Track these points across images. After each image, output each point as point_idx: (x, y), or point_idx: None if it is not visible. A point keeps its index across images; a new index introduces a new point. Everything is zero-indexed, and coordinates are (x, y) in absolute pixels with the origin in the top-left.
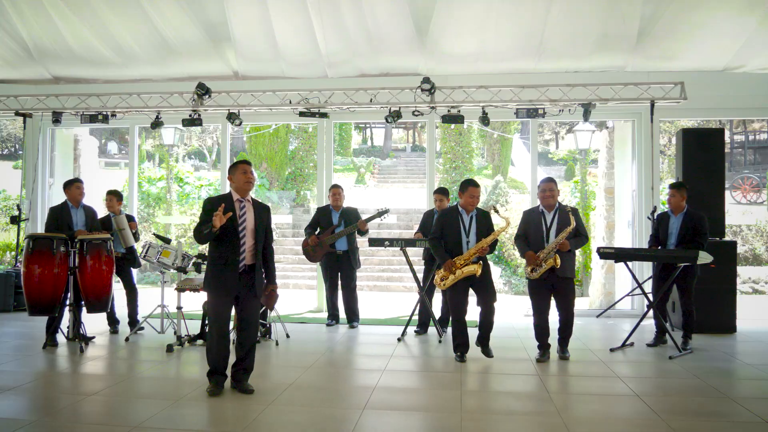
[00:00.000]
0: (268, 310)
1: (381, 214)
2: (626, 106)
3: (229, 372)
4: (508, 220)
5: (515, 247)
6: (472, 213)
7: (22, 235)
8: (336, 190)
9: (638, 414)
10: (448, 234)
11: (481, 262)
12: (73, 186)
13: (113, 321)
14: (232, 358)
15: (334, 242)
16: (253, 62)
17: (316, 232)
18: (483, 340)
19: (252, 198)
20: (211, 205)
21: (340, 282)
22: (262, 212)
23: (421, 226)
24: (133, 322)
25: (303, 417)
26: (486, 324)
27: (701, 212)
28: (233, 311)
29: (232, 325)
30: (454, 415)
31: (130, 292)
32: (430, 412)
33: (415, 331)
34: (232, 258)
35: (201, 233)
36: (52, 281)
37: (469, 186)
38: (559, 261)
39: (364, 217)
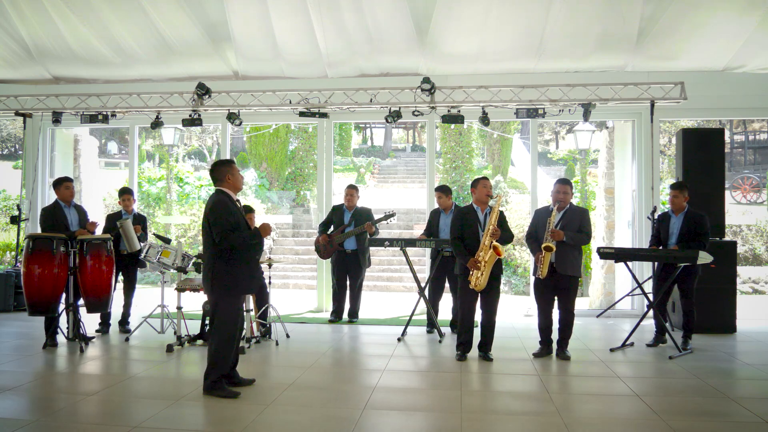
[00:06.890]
0: (269, 310)
1: (387, 217)
2: (626, 106)
3: None
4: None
5: (524, 246)
6: (486, 210)
7: (22, 235)
8: (350, 191)
9: (638, 414)
10: (467, 233)
11: (499, 245)
12: (62, 186)
13: (106, 322)
14: None
15: (343, 241)
16: (253, 62)
17: (330, 231)
18: (484, 346)
19: None
20: (235, 209)
21: (348, 281)
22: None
23: (428, 226)
24: (124, 320)
25: (303, 417)
26: (487, 326)
27: (702, 212)
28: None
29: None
30: (454, 415)
31: (129, 289)
32: (430, 412)
33: (427, 331)
34: (257, 256)
35: (246, 242)
36: (52, 281)
37: (480, 180)
38: (554, 246)
39: (376, 218)
